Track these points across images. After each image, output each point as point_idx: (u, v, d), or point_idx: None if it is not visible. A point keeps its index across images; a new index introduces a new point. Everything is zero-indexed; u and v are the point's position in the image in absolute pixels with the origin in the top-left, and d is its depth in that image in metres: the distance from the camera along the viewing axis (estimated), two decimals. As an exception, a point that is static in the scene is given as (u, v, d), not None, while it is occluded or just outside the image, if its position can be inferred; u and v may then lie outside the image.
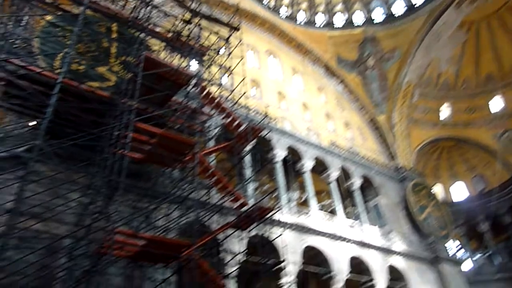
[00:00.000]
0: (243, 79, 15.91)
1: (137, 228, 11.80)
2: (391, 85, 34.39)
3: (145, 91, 11.78)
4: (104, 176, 10.65)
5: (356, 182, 26.00)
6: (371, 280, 21.57)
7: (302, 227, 19.86)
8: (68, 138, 10.27)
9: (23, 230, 9.61)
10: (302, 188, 23.72)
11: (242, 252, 15.17)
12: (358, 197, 25.65)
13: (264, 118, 17.65)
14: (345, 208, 24.49)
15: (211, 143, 17.59)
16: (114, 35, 13.79)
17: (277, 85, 29.93)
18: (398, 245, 24.71)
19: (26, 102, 11.06)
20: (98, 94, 12.16)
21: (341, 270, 20.16)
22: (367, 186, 27.19)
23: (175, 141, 11.41)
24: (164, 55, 15.41)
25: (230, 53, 16.30)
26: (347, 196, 25.51)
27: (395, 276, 23.09)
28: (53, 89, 10.40)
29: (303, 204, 23.45)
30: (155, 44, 15.83)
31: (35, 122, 13.28)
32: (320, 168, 24.51)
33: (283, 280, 17.34)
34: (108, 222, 9.93)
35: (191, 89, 14.31)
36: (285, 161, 22.58)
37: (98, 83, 12.58)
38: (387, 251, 23.56)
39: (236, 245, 15.23)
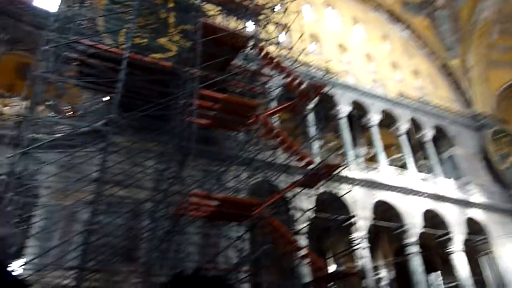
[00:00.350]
0: (301, 35, 15.45)
1: (210, 190, 12.40)
2: (465, 24, 31.27)
3: (205, 58, 11.96)
4: (175, 143, 11.25)
5: (428, 133, 24.69)
6: (448, 233, 20.87)
7: (371, 183, 19.53)
8: (139, 110, 10.89)
9: (109, 197, 10.61)
10: (370, 143, 23.09)
11: (311, 209, 15.38)
12: (430, 149, 24.44)
13: (325, 74, 17.17)
14: (416, 161, 23.52)
15: (274, 104, 17.58)
16: (171, 5, 14.00)
17: (337, 37, 28.67)
18: (477, 197, 23.40)
19: (98, 79, 11.80)
20: (161, 65, 12.59)
21: (414, 224, 19.70)
22: (440, 137, 25.72)
23: (238, 104, 11.58)
24: (220, 19, 15.40)
25: (285, 9, 15.82)
26: (418, 148, 24.41)
27: (474, 229, 22.07)
28: (121, 64, 10.96)
29: (372, 159, 22.91)
30: (211, 9, 15.81)
31: (108, 97, 14.21)
32: (388, 121, 23.56)
33: (354, 235, 17.41)
34: (183, 185, 10.57)
35: (249, 51, 14.25)
36: (350, 116, 22.00)
37: (160, 54, 12.99)
38: (465, 204, 22.46)
39: (305, 202, 15.46)
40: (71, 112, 17.38)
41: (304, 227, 15.40)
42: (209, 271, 11.73)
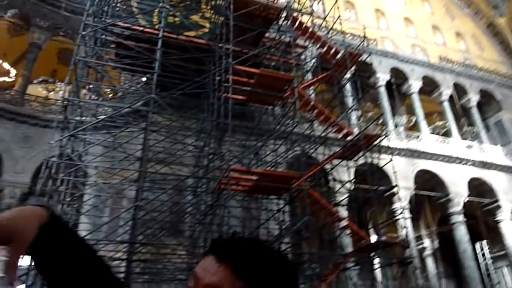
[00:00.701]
0: (335, 2, 14.93)
1: (249, 164, 12.57)
2: (514, -22, 28.97)
3: (238, 33, 11.87)
4: (213, 120, 11.40)
5: (473, 98, 23.49)
6: (495, 201, 20.12)
7: (413, 152, 19.04)
8: (176, 89, 11.07)
9: (153, 174, 11.02)
10: (410, 111, 22.34)
11: (350, 180, 15.26)
12: (475, 114, 23.31)
13: (362, 42, 16.57)
14: (460, 128, 22.57)
15: (309, 76, 17.30)
16: (201, -20, 13.89)
17: (373, 2, 27.45)
18: (528, 162, 22.25)
19: (135, 60, 12.05)
20: (195, 43, 12.65)
21: (459, 192, 19.12)
22: (486, 101, 24.41)
23: (273, 78, 11.50)
24: (251, -8, 15.09)
25: (318, -23, 15.27)
26: (462, 115, 23.36)
27: (524, 196, 21.13)
28: (157, 45, 11.11)
29: (413, 128, 22.23)
30: (241, -19, 15.52)
31: (145, 78, 14.52)
32: (429, 87, 22.61)
33: (396, 206, 17.18)
34: (222, 161, 10.78)
35: (282, 23, 13.96)
36: (389, 84, 21.29)
37: (194, 31, 13.03)
38: (514, 170, 21.45)
39: (345, 174, 15.34)
40: (111, 94, 17.96)
41: (344, 198, 15.35)
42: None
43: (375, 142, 13.02)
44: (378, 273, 19.69)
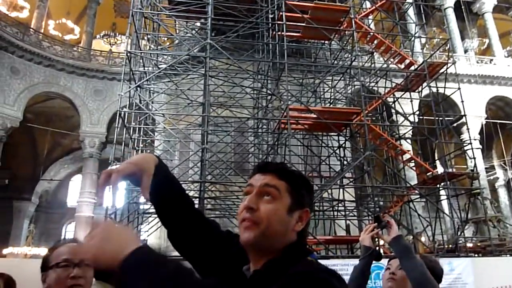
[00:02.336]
0: None
1: (307, 103, 12.57)
2: None
3: (288, -36, 11.34)
4: (269, 60, 11.39)
5: (559, 11, 20.77)
6: None
7: (485, 77, 17.65)
8: (231, 31, 11.08)
9: (215, 118, 11.49)
10: (482, 33, 20.38)
11: (414, 113, 14.69)
12: (562, 29, 20.73)
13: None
14: (542, 46, 20.33)
15: (367, 4, 16.23)
16: None
17: None
18: None
19: (188, 6, 12.08)
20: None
21: (538, 118, 17.71)
22: None
23: (328, 10, 11.09)
24: None
25: None
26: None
27: None
28: (208, -13, 11.03)
29: (485, 51, 20.41)
30: None
31: (199, 24, 14.58)
32: (505, 4, 20.27)
33: (464, 136, 16.38)
34: (280, 101, 10.89)
35: None
36: (458, 4, 19.38)
37: (243, -31, 12.60)
38: None
39: (408, 106, 14.76)
40: (169, 43, 18.37)
41: (408, 131, 14.94)
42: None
43: (441, 71, 12.30)
44: (444, 205, 19.40)
